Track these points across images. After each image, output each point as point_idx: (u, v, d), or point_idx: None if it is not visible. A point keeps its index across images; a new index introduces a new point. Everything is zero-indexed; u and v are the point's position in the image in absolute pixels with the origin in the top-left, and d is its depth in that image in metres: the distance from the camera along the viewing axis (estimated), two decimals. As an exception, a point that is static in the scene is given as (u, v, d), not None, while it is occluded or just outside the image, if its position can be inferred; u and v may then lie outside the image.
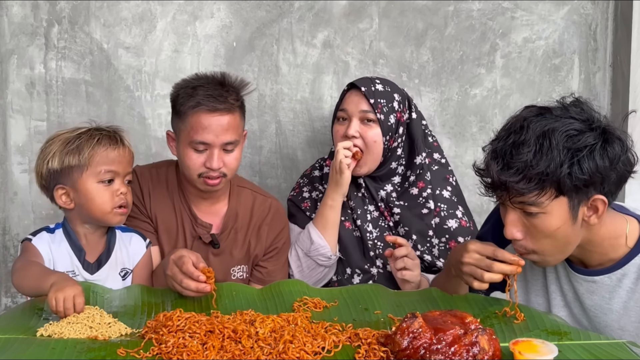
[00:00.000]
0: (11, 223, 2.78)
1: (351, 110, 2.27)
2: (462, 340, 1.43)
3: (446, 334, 1.44)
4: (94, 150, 1.96)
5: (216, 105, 2.05)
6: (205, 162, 2.08)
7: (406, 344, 1.44)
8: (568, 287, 1.79)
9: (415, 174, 2.33)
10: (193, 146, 2.08)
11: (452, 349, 1.42)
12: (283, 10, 2.72)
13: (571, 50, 2.77)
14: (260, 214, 2.29)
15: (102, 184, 1.97)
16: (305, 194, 2.44)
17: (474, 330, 1.45)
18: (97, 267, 2.01)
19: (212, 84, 2.10)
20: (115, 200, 1.98)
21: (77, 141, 1.97)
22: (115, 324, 1.64)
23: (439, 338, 1.44)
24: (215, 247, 2.21)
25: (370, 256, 2.30)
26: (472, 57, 2.76)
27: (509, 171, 1.58)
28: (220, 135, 2.06)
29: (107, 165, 1.97)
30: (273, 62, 2.75)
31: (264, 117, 2.78)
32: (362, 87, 2.26)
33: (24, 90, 2.72)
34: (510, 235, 1.66)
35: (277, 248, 2.30)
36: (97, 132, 2.00)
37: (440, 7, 2.73)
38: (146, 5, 2.70)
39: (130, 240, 2.10)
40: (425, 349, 1.43)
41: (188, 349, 1.48)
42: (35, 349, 1.52)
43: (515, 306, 1.71)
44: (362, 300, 1.80)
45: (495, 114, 2.79)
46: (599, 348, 1.55)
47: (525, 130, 1.59)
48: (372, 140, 2.26)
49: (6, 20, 2.68)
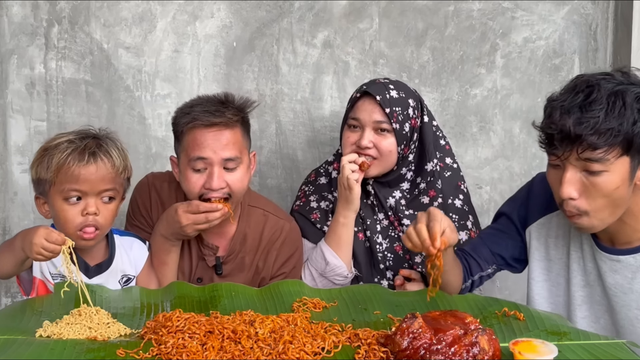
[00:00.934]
0: (11, 223, 2.78)
1: (364, 120, 2.19)
2: (462, 340, 1.43)
3: (446, 334, 1.44)
4: (60, 166, 1.83)
5: (212, 119, 1.97)
6: (205, 183, 1.99)
7: (406, 344, 1.44)
8: (592, 266, 1.82)
9: (426, 181, 2.27)
10: (192, 165, 1.99)
11: (452, 349, 1.42)
12: (283, 10, 2.72)
13: (571, 50, 2.76)
14: (270, 237, 2.18)
15: (66, 202, 1.84)
16: (313, 203, 2.34)
17: (474, 331, 1.45)
18: (97, 271, 1.96)
19: (211, 102, 2.04)
20: (80, 220, 1.84)
21: (50, 152, 1.85)
22: (114, 325, 1.64)
23: (439, 338, 1.44)
24: (218, 273, 2.15)
25: (380, 269, 2.25)
26: (472, 57, 2.76)
27: (582, 125, 1.61)
28: (219, 151, 1.97)
29: (71, 184, 1.83)
30: (273, 62, 2.75)
31: (264, 117, 2.78)
32: (377, 96, 2.17)
33: (24, 90, 2.72)
34: (567, 194, 1.67)
35: (284, 273, 2.19)
36: (72, 144, 1.86)
37: (441, 7, 2.73)
38: (146, 5, 2.70)
39: (132, 246, 2.05)
40: (425, 349, 1.43)
41: (187, 350, 1.48)
42: (34, 349, 1.52)
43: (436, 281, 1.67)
44: (361, 300, 1.80)
45: (495, 114, 2.79)
46: (598, 348, 1.55)
47: (596, 90, 1.63)
48: (387, 150, 2.19)
49: (6, 20, 2.68)
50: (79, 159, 1.83)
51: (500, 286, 2.84)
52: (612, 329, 1.81)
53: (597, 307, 1.83)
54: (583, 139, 1.61)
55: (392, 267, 2.25)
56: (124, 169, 1.91)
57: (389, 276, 2.25)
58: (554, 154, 1.68)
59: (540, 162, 2.74)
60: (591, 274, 1.83)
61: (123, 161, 1.91)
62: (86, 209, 1.84)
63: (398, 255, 2.25)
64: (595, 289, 1.82)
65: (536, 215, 1.93)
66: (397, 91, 2.22)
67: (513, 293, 2.80)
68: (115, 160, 1.88)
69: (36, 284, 1.93)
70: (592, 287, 1.83)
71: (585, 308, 1.85)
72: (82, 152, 1.84)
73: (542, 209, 1.92)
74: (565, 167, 1.67)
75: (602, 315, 1.83)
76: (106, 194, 1.87)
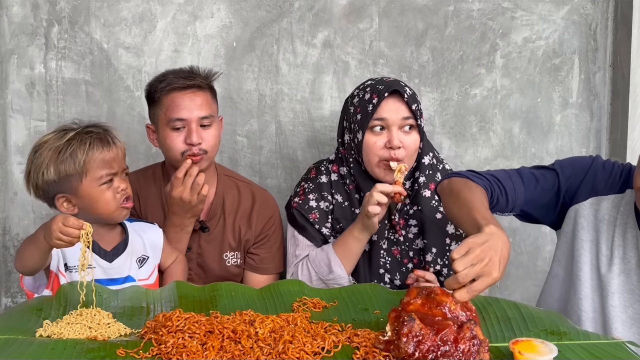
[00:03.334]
0: (11, 223, 2.78)
1: (392, 119, 2.15)
2: (463, 336, 1.42)
3: (446, 333, 1.42)
4: (89, 156, 1.95)
5: (186, 82, 2.20)
6: (185, 139, 2.19)
7: (412, 348, 1.41)
8: (632, 254, 1.83)
9: (425, 174, 2.26)
10: (171, 125, 2.19)
11: (460, 348, 1.40)
12: (283, 10, 2.72)
13: (571, 50, 2.76)
14: (248, 201, 2.38)
15: (103, 186, 1.98)
16: (312, 202, 2.29)
17: (467, 323, 1.44)
18: (114, 255, 2.04)
19: (181, 70, 2.27)
20: (118, 197, 2.00)
21: (69, 149, 1.94)
22: (114, 324, 1.64)
23: (442, 338, 1.42)
24: (205, 231, 2.30)
25: (380, 273, 2.25)
26: (472, 57, 2.76)
27: None
28: (195, 110, 2.19)
29: (105, 169, 1.97)
30: (273, 62, 2.75)
31: (264, 117, 2.78)
32: (405, 94, 2.15)
33: (24, 90, 2.72)
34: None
35: (267, 235, 2.37)
36: (87, 135, 1.97)
37: (440, 7, 2.73)
38: (146, 5, 2.71)
39: (144, 229, 2.15)
40: (434, 352, 1.40)
41: (187, 350, 1.48)
42: (34, 349, 1.52)
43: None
44: (361, 300, 1.80)
45: (495, 114, 2.79)
46: (598, 348, 1.55)
47: None
48: (414, 148, 2.18)
49: (6, 20, 2.68)
50: (104, 145, 1.97)
51: (500, 286, 2.85)
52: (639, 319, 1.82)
53: (627, 295, 1.84)
54: None
55: (389, 270, 2.25)
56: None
57: (387, 280, 2.25)
58: None
59: (540, 162, 2.74)
60: (630, 262, 1.83)
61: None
62: (119, 186, 2.00)
63: (396, 259, 2.25)
64: (631, 277, 1.83)
65: (586, 195, 1.90)
66: (408, 87, 2.23)
67: (513, 293, 2.80)
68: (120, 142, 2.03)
69: (52, 278, 1.99)
70: (628, 276, 1.84)
71: (617, 297, 1.85)
72: (103, 139, 1.98)
73: (593, 190, 1.90)
74: None
75: (631, 305, 1.83)
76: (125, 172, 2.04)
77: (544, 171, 1.96)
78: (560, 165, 1.96)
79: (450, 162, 2.76)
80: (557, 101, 2.78)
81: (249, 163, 2.79)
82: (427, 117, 2.75)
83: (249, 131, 2.79)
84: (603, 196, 1.89)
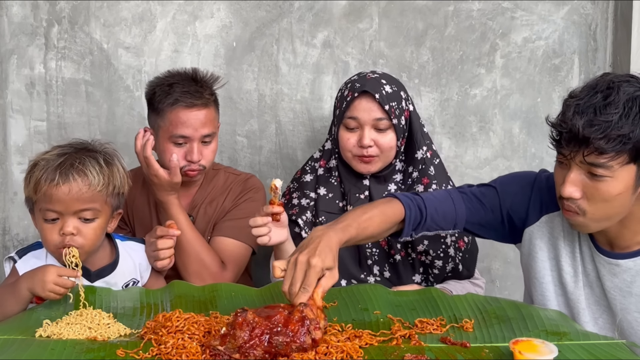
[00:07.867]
0: (11, 223, 2.78)
1: (364, 119, 2.18)
2: (292, 318, 1.48)
3: (276, 317, 1.48)
4: (36, 185, 1.79)
5: (193, 101, 2.18)
6: (185, 155, 2.20)
7: (247, 335, 1.45)
8: (591, 267, 1.81)
9: (418, 169, 2.26)
10: (173, 140, 2.19)
11: (289, 330, 1.46)
12: (283, 10, 2.72)
13: (571, 50, 2.76)
14: (232, 186, 2.38)
15: (45, 221, 1.80)
16: (294, 200, 2.32)
17: (298, 306, 1.49)
18: (97, 276, 1.93)
19: (186, 80, 2.22)
20: (58, 240, 1.80)
21: (33, 170, 1.82)
22: (114, 325, 1.64)
23: (273, 322, 1.47)
24: (190, 217, 2.29)
25: (368, 265, 2.25)
26: (472, 57, 2.76)
27: (592, 127, 1.58)
28: (199, 129, 2.19)
29: (47, 204, 1.78)
30: (273, 62, 2.75)
31: (264, 117, 2.78)
32: (375, 94, 2.16)
33: (24, 90, 2.72)
34: (568, 193, 1.66)
35: (250, 198, 2.34)
36: (50, 162, 1.80)
37: (440, 7, 2.73)
38: (146, 5, 2.71)
39: (136, 250, 2.04)
40: (269, 334, 1.46)
41: (187, 350, 1.48)
42: (34, 349, 1.52)
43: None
44: (361, 300, 1.80)
45: (495, 114, 2.79)
46: (598, 348, 1.55)
47: (614, 92, 1.60)
48: (388, 146, 2.19)
49: (6, 20, 2.68)
50: (51, 178, 1.77)
51: (500, 286, 2.85)
52: (611, 329, 1.81)
53: (594, 307, 1.83)
54: (591, 142, 1.59)
55: (377, 262, 2.25)
56: (105, 185, 1.83)
57: (375, 272, 2.25)
58: (560, 153, 1.67)
59: (539, 162, 2.74)
60: (591, 275, 1.82)
61: (105, 178, 1.83)
62: (63, 229, 1.79)
63: (383, 249, 2.25)
64: (594, 290, 1.82)
65: (537, 215, 1.89)
66: (390, 85, 2.21)
67: (513, 293, 2.80)
68: (92, 178, 1.80)
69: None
70: (591, 288, 1.83)
71: (587, 312, 1.84)
72: (54, 171, 1.78)
73: (543, 208, 1.89)
74: (570, 166, 1.66)
75: (600, 316, 1.83)
76: (84, 214, 1.81)
77: (484, 189, 1.96)
78: (500, 182, 1.97)
79: (450, 162, 2.76)
80: (557, 101, 2.78)
81: (249, 163, 2.79)
82: (427, 117, 2.75)
83: (248, 131, 2.79)
84: (554, 212, 1.86)
